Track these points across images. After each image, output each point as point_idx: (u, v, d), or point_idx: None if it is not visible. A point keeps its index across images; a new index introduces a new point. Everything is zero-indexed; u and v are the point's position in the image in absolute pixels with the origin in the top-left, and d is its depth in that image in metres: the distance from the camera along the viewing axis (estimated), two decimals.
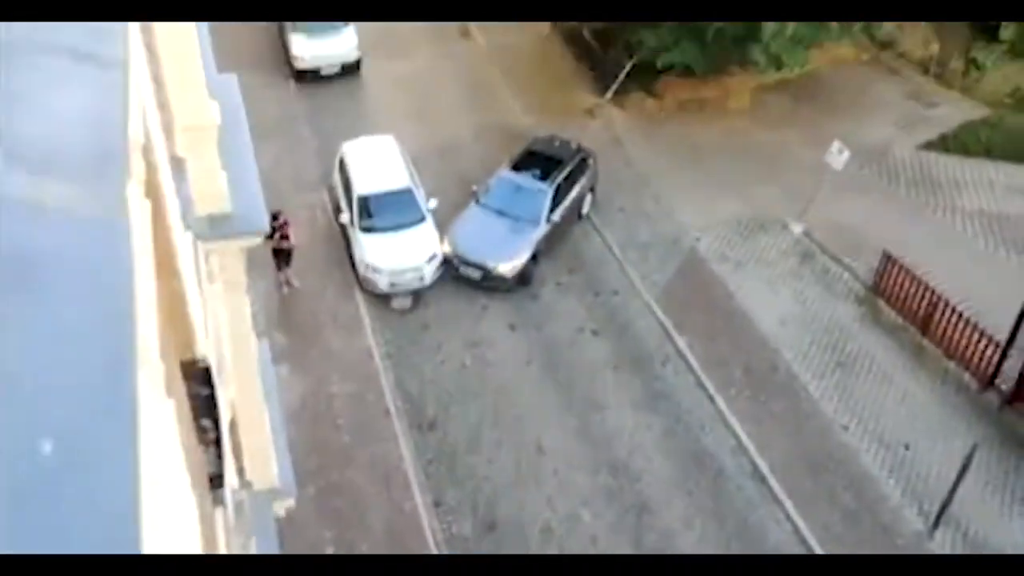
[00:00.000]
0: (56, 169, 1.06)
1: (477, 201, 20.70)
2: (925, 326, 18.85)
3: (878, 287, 19.79)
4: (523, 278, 19.83)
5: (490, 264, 19.56)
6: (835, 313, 19.59)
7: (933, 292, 18.58)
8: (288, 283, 19.57)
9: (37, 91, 1.16)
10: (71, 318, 0.98)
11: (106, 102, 1.20)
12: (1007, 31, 25.39)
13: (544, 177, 20.65)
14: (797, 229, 21.39)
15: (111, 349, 1.00)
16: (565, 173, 20.85)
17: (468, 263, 19.73)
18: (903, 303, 19.28)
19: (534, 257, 19.94)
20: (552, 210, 20.26)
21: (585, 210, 21.70)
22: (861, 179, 22.50)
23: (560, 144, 21.83)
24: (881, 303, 19.67)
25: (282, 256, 19.12)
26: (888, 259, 19.45)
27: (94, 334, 0.99)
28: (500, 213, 20.30)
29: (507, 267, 19.57)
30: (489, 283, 19.75)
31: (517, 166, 21.12)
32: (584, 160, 21.59)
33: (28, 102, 1.10)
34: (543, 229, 20.12)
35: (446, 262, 19.91)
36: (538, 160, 21.22)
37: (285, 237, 18.72)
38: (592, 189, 21.76)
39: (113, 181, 1.09)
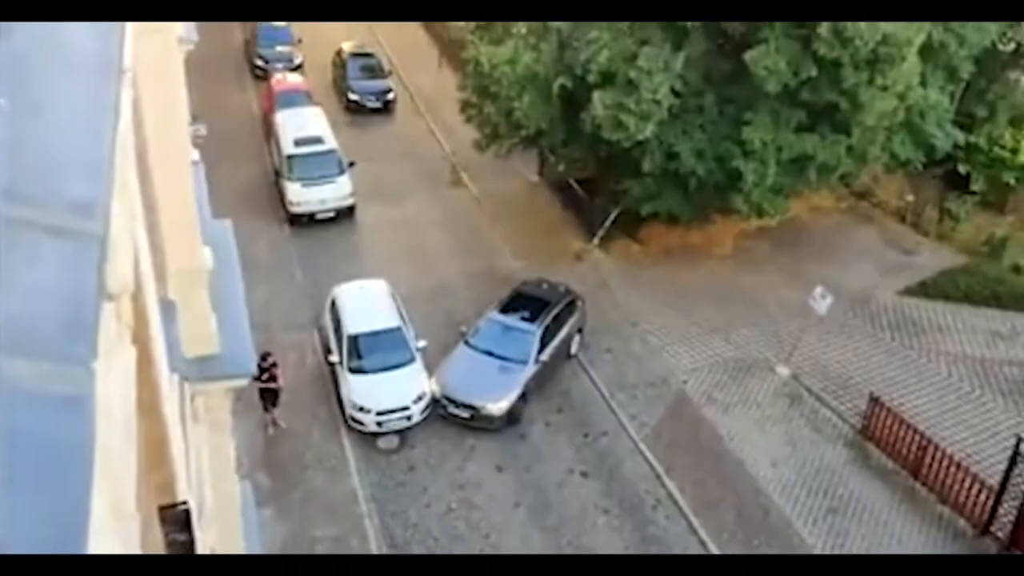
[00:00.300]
0: (22, 346, 1.16)
1: (466, 342, 20.87)
2: (916, 470, 18.71)
3: (867, 430, 19.76)
4: (512, 417, 19.81)
5: (478, 404, 19.57)
6: (825, 456, 19.47)
7: (922, 435, 18.55)
8: (275, 423, 19.48)
9: (11, 268, 1.27)
10: (24, 503, 1.03)
11: (79, 279, 1.32)
12: (977, 183, 26.37)
13: (532, 319, 20.94)
14: (784, 372, 21.53)
15: (63, 535, 1.02)
16: (553, 314, 21.16)
17: (457, 403, 19.75)
18: (893, 446, 19.20)
19: (523, 397, 19.96)
20: (540, 350, 20.43)
21: (574, 350, 21.87)
22: (845, 323, 22.83)
23: (548, 286, 22.27)
24: (870, 446, 19.59)
25: (269, 396, 19.09)
26: (875, 402, 19.51)
27: (49, 522, 1.03)
28: (489, 354, 20.43)
29: (496, 407, 19.57)
30: (478, 423, 19.71)
31: (505, 308, 21.45)
32: (572, 302, 21.95)
33: (1, 281, 1.21)
34: (532, 369, 20.22)
35: (435, 402, 19.90)
36: (526, 302, 21.59)
37: (273, 378, 18.77)
38: (580, 330, 22.02)
39: (81, 357, 1.19)
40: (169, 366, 6.96)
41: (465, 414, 19.74)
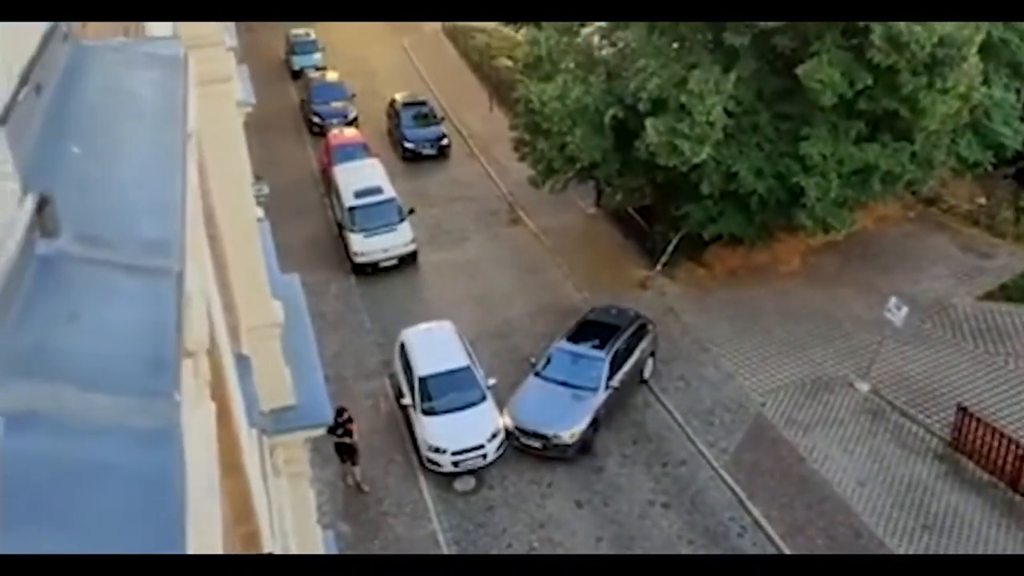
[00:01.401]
0: (104, 382, 1.18)
1: (536, 373, 20.88)
2: (1015, 481, 17.94)
3: (957, 442, 19.04)
4: (585, 446, 19.68)
5: (549, 432, 19.53)
6: (915, 472, 18.80)
7: (1019, 445, 17.80)
8: (357, 486, 19.31)
9: (89, 307, 1.30)
10: (117, 538, 1.03)
11: (158, 314, 1.34)
12: None
13: (601, 346, 20.86)
14: (864, 387, 20.94)
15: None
16: (623, 340, 21.07)
17: (528, 433, 19.74)
18: (987, 457, 18.45)
19: (595, 425, 19.83)
20: (610, 376, 20.32)
21: (647, 375, 21.71)
22: (923, 333, 22.16)
23: (617, 312, 22.23)
24: (962, 459, 18.87)
25: (345, 451, 19.06)
26: (964, 412, 18.82)
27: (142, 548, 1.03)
28: (559, 383, 20.40)
29: (567, 434, 19.49)
30: (551, 452, 19.63)
31: (574, 336, 21.44)
32: (642, 326, 21.85)
33: (82, 320, 1.23)
34: (602, 396, 20.10)
35: (508, 435, 19.89)
36: (595, 329, 21.54)
37: (348, 433, 18.68)
38: (653, 354, 21.86)
39: (164, 391, 1.20)
40: (248, 420, 7.07)
41: (537, 444, 19.72)
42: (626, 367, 20.74)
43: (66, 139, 1.62)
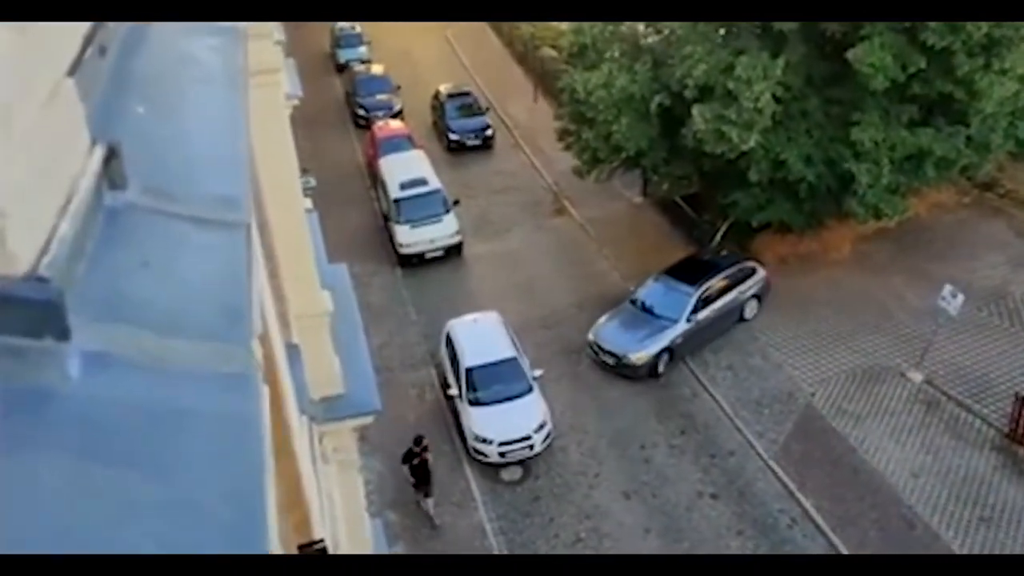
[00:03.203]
0: (182, 330, 1.17)
1: (631, 300, 22.53)
2: None
3: (1015, 433, 18.58)
4: (653, 370, 21.17)
5: (620, 353, 21.17)
6: (971, 463, 18.38)
7: None
8: (429, 518, 18.54)
9: (160, 257, 1.29)
10: (197, 477, 1.03)
11: (230, 265, 1.33)
12: None
13: (693, 281, 22.08)
14: (917, 377, 20.52)
15: (242, 523, 1.00)
16: (719, 279, 22.22)
17: (603, 350, 21.54)
18: None
19: (670, 354, 21.23)
20: (695, 311, 21.52)
21: (748, 316, 22.72)
22: (979, 321, 21.63)
23: (726, 254, 23.63)
24: (1020, 450, 18.40)
25: (421, 476, 18.30)
26: (1022, 402, 18.35)
27: (225, 501, 1.01)
28: (645, 310, 22.01)
29: (635, 357, 21.08)
30: (621, 371, 21.33)
31: (673, 269, 22.85)
32: (749, 269, 22.91)
33: (154, 269, 1.22)
34: (681, 328, 21.37)
35: (588, 346, 21.89)
36: (695, 265, 23.08)
37: (424, 462, 18.25)
38: (758, 297, 22.83)
39: (240, 338, 1.19)
40: (298, 408, 7.13)
41: (610, 361, 21.48)
42: (717, 304, 21.87)
43: (131, 98, 1.61)
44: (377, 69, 39.50)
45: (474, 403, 20.01)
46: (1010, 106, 21.16)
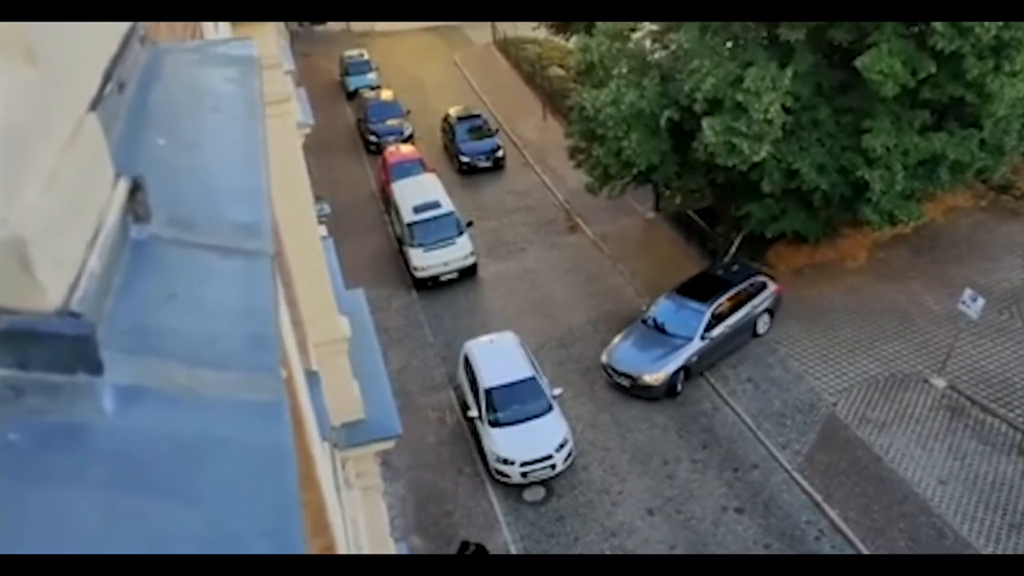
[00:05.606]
0: (209, 358, 1.18)
1: (643, 320, 22.31)
2: None
3: None
4: (671, 390, 20.98)
5: (635, 374, 20.96)
6: (999, 469, 18.17)
7: None
8: None
9: (186, 288, 1.31)
10: (231, 507, 1.03)
11: (256, 293, 1.34)
12: None
13: (705, 298, 21.87)
14: (940, 383, 20.33)
15: (279, 535, 1.00)
16: (730, 295, 22.00)
17: (618, 372, 21.33)
18: None
19: (686, 372, 21.01)
20: (708, 328, 21.30)
21: (761, 330, 22.49)
22: (1000, 324, 21.44)
23: (739, 268, 23.24)
24: None
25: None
26: None
27: (258, 522, 1.01)
28: (659, 329, 21.79)
29: (651, 378, 20.86)
30: (637, 392, 21.11)
31: (684, 287, 22.66)
32: (760, 284, 22.71)
33: (180, 300, 1.24)
34: (696, 346, 21.15)
35: (603, 368, 21.62)
36: (706, 281, 22.83)
37: (481, 550, 17.59)
38: (770, 311, 22.61)
39: (269, 365, 1.20)
40: (320, 435, 7.13)
41: (625, 382, 21.29)
42: (730, 320, 21.67)
43: (151, 132, 1.63)
44: (387, 95, 39.85)
45: (494, 424, 19.97)
46: (1022, 108, 21.05)
